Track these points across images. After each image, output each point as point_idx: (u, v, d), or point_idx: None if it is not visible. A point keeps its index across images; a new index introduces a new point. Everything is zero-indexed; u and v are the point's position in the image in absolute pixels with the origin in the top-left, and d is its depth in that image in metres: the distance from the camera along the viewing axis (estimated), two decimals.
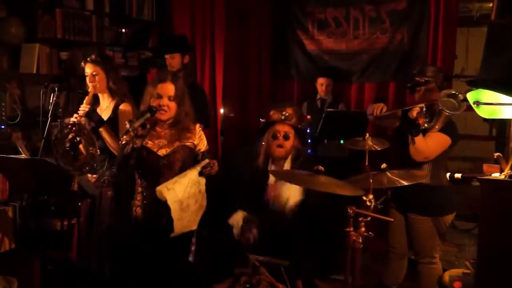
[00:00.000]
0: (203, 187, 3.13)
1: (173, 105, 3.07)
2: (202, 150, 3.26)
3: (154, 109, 3.01)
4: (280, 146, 3.41)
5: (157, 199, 3.03)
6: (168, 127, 3.16)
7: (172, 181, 3.00)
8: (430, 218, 3.55)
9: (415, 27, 5.24)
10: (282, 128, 3.41)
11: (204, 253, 3.48)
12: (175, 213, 2.97)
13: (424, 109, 3.29)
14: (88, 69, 3.60)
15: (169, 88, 3.07)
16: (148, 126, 3.02)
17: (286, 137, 3.40)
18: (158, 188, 2.95)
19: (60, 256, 3.71)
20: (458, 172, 3.60)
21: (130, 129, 2.85)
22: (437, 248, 3.68)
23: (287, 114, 3.41)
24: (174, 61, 4.60)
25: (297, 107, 3.72)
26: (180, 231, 3.04)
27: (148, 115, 2.97)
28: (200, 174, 3.07)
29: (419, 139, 3.32)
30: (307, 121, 3.57)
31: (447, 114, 3.21)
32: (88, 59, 3.64)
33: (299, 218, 3.34)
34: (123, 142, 3.02)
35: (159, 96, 3.06)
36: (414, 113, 3.28)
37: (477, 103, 2.84)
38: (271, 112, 3.49)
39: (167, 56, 4.66)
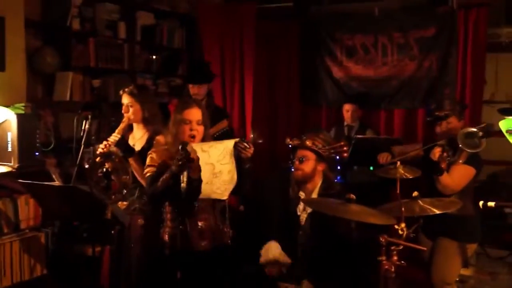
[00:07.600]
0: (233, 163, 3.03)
1: (201, 129, 3.08)
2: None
3: (186, 144, 2.98)
4: (297, 169, 3.43)
5: (189, 225, 3.04)
6: None
7: (208, 145, 2.94)
8: (456, 243, 3.51)
9: (443, 53, 5.23)
10: (300, 153, 3.44)
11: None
12: (205, 175, 2.87)
13: (446, 147, 3.35)
14: (125, 100, 3.58)
15: (196, 113, 3.08)
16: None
17: (300, 161, 3.41)
18: (193, 145, 2.85)
19: (91, 283, 3.73)
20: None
21: (174, 170, 2.81)
22: (454, 279, 3.60)
23: (303, 139, 3.44)
24: (201, 90, 4.54)
25: (326, 133, 3.72)
26: (208, 195, 2.96)
27: (184, 153, 2.93)
28: (234, 146, 2.99)
29: (443, 176, 3.34)
30: (340, 147, 3.53)
31: (469, 152, 3.27)
32: (126, 89, 3.60)
33: (312, 227, 3.33)
34: (148, 175, 3.02)
35: (188, 122, 3.08)
36: (437, 155, 3.35)
37: (510, 131, 2.81)
38: (288, 139, 3.51)
39: (194, 86, 4.53)
